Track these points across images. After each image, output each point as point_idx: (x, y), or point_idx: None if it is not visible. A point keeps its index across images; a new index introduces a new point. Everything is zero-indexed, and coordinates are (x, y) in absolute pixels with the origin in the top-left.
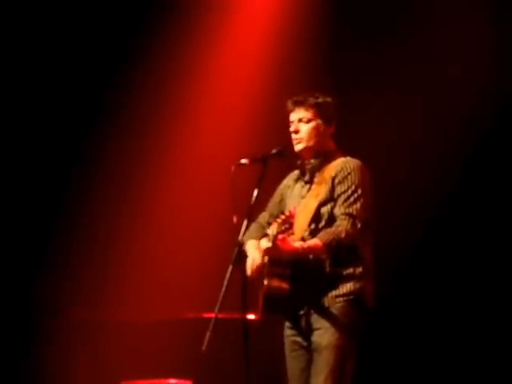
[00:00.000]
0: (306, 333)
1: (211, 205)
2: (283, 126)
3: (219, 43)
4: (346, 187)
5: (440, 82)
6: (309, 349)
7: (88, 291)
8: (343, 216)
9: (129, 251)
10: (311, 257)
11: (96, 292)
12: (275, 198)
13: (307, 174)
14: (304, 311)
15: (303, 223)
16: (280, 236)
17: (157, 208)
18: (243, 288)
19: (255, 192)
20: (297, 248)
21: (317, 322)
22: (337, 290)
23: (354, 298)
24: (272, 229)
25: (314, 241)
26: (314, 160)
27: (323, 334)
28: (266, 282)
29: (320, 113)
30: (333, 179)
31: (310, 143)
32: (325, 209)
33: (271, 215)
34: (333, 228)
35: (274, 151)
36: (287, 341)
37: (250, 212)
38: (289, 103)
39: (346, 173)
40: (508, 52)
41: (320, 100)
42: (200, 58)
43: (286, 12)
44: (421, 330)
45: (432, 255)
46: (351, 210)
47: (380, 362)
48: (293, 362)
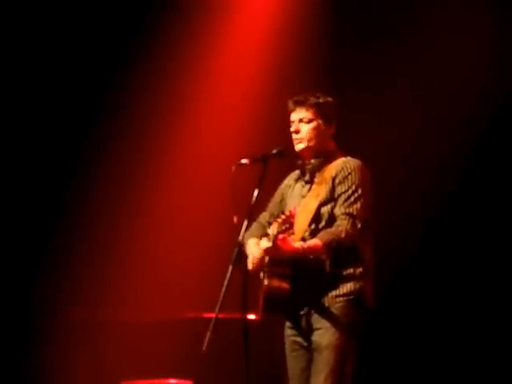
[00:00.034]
0: (307, 333)
1: (211, 205)
2: (283, 126)
3: (219, 43)
4: (347, 187)
5: (440, 82)
6: (309, 349)
7: (88, 291)
8: (343, 216)
9: (129, 251)
10: (311, 257)
11: (96, 292)
12: (276, 198)
13: (307, 174)
14: (304, 311)
15: (303, 223)
16: (280, 236)
17: (157, 208)
18: (243, 288)
19: (255, 192)
20: (297, 248)
21: (317, 322)
22: (337, 290)
23: (354, 298)
24: (272, 228)
25: (314, 241)
26: (315, 160)
27: (323, 334)
28: (267, 282)
29: (321, 113)
30: (333, 179)
31: (311, 143)
32: (325, 209)
33: (272, 215)
34: (333, 228)
35: (275, 151)
36: (287, 341)
37: (251, 212)
38: (289, 103)
39: (347, 173)
40: (508, 52)
41: (321, 100)
42: (200, 58)
43: (286, 12)
44: (421, 330)
45: (432, 255)
46: (351, 210)
47: (380, 362)
48: (293, 362)
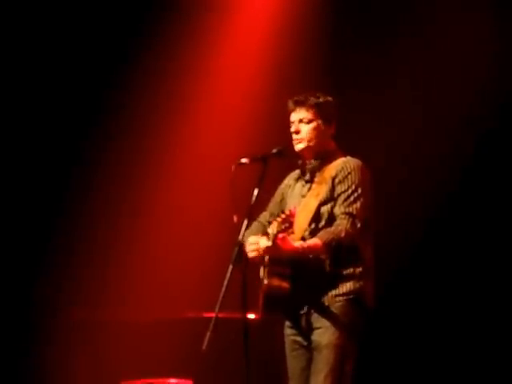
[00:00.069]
0: (307, 332)
1: (211, 205)
2: (284, 126)
3: (219, 43)
4: (346, 187)
5: (440, 82)
6: (309, 348)
7: (88, 291)
8: (343, 215)
9: (129, 251)
10: (311, 256)
11: (96, 292)
12: (276, 198)
13: (308, 174)
14: (304, 310)
15: (303, 223)
16: (280, 235)
17: (157, 208)
18: (243, 287)
19: (255, 191)
20: (297, 247)
21: (317, 321)
22: (337, 290)
23: (354, 298)
24: (272, 228)
25: (314, 240)
26: (315, 160)
27: (323, 333)
28: (267, 282)
29: (321, 113)
30: (333, 179)
31: (311, 143)
32: (325, 208)
33: (272, 214)
34: (333, 227)
35: (275, 151)
36: (287, 340)
37: (251, 211)
38: (289, 103)
39: (347, 172)
40: (508, 52)
41: (321, 100)
42: (200, 58)
43: (286, 12)
44: (421, 330)
45: (432, 255)
46: (351, 210)
47: (380, 362)
48: (293, 362)
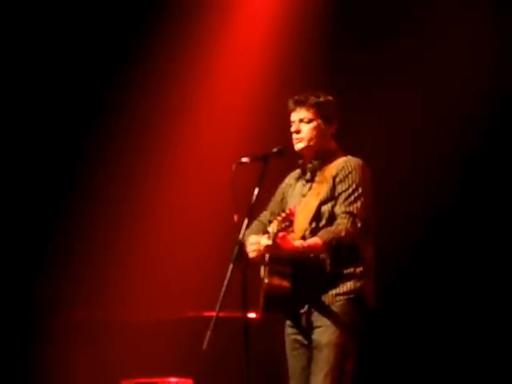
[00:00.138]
0: (307, 331)
1: (212, 204)
2: (284, 126)
3: (220, 43)
4: (347, 186)
5: (440, 82)
6: (309, 347)
7: (88, 291)
8: (343, 215)
9: (129, 251)
10: (311, 255)
11: (96, 292)
12: (276, 197)
13: (308, 173)
14: (304, 309)
15: (304, 222)
16: (280, 234)
17: (157, 208)
18: (244, 287)
19: (256, 191)
20: (297, 246)
21: (317, 320)
22: (337, 289)
23: (355, 297)
24: (272, 227)
25: (314, 239)
26: (315, 159)
27: (323, 332)
28: (267, 281)
29: (321, 113)
30: (334, 178)
31: (311, 143)
32: (325, 207)
33: (272, 214)
34: (333, 227)
35: (275, 150)
36: (288, 339)
37: (251, 211)
38: (290, 103)
39: (347, 171)
40: (508, 52)
41: (321, 99)
42: (201, 58)
43: (286, 12)
44: (421, 330)
45: (432, 255)
46: (352, 209)
47: (380, 362)
48: (294, 361)
